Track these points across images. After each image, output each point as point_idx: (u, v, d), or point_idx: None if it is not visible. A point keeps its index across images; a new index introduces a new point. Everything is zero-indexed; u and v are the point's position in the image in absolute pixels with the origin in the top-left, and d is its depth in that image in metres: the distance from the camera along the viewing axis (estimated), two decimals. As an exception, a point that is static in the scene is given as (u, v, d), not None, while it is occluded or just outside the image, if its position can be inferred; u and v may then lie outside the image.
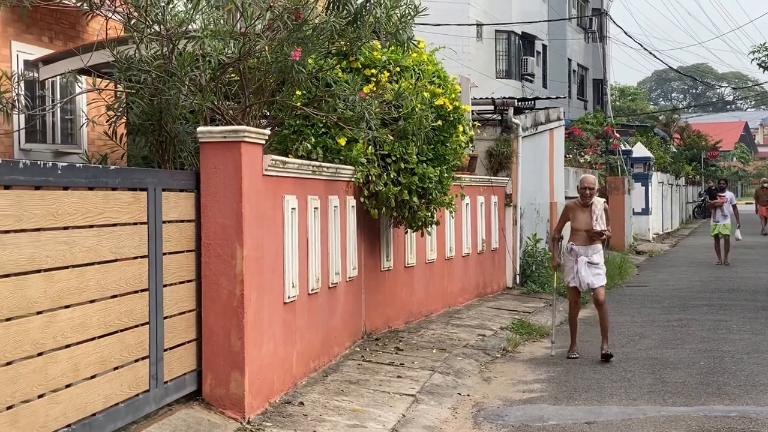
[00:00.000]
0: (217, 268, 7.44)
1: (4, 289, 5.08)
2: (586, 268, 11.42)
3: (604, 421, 8.45)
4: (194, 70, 8.72)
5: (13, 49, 13.20)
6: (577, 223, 11.51)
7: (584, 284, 11.50)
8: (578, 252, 11.50)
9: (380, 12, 9.10)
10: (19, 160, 5.25)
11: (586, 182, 11.59)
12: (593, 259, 11.50)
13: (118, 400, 6.28)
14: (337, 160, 10.46)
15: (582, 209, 11.49)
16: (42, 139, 13.86)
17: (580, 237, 11.49)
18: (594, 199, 11.46)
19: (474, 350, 11.77)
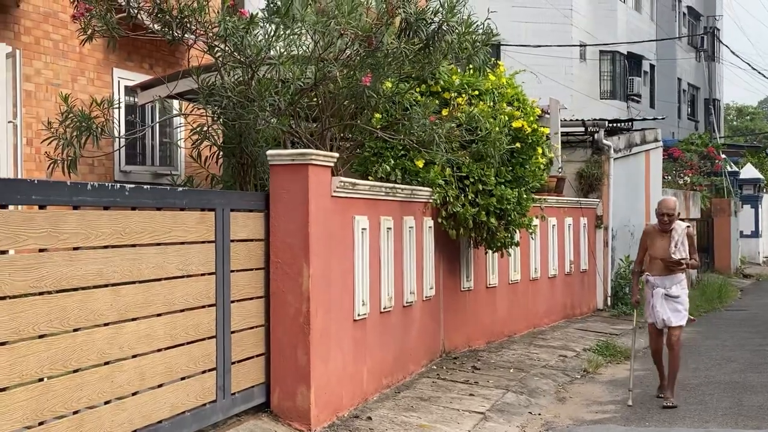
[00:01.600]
0: (285, 286, 7.79)
1: (72, 301, 5.48)
2: (662, 302, 10.17)
3: (669, 442, 8.52)
4: (273, 95, 9.14)
5: (115, 76, 13.86)
6: (654, 250, 10.31)
7: (659, 320, 10.27)
8: (654, 283, 10.28)
9: (452, 38, 9.32)
10: (87, 183, 5.66)
11: (664, 207, 10.30)
12: (672, 292, 10.19)
13: (185, 409, 6.64)
14: (415, 181, 10.76)
15: (660, 235, 10.29)
16: (142, 161, 14.48)
17: (656, 266, 10.29)
18: (675, 224, 10.22)
19: (553, 371, 11.88)
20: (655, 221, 10.60)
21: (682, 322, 10.26)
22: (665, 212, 10.22)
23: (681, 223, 10.34)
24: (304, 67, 9.35)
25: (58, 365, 5.36)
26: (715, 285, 21.46)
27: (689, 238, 10.26)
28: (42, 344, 5.23)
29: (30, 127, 12.01)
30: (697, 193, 25.16)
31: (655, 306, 10.23)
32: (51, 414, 5.31)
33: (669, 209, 10.24)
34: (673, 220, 10.19)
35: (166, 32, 8.77)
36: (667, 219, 10.17)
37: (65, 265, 5.41)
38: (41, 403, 5.23)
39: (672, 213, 10.20)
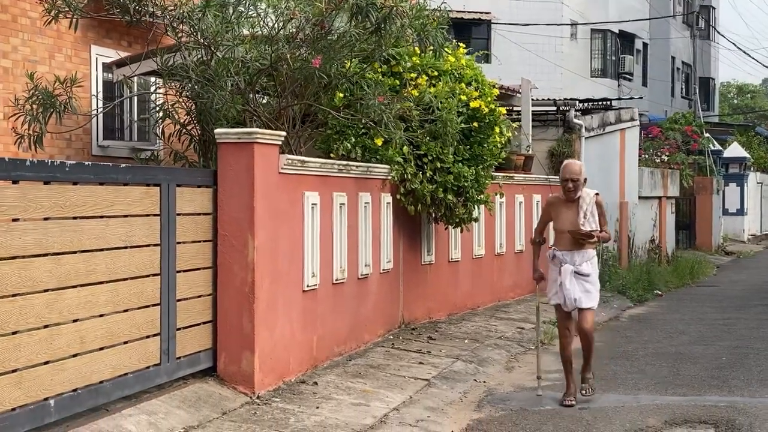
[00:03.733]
0: (231, 257, 8.24)
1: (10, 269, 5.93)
2: (571, 280, 8.99)
3: (597, 407, 8.97)
4: (233, 75, 9.57)
5: (93, 53, 14.27)
6: (561, 222, 9.16)
7: (569, 301, 9.07)
8: (562, 259, 9.09)
9: (402, 22, 9.71)
10: (26, 159, 6.10)
11: (567, 171, 9.06)
12: (582, 269, 9.04)
13: (127, 371, 7.11)
14: (374, 159, 11.18)
15: (566, 205, 9.09)
16: (120, 136, 14.91)
17: (563, 240, 9.12)
18: (582, 192, 9.03)
19: (508, 342, 12.35)
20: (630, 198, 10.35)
21: (593, 304, 9.16)
22: (569, 177, 8.99)
23: (588, 191, 9.16)
24: (262, 49, 9.78)
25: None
26: (689, 261, 21.89)
27: (599, 208, 9.11)
28: (-20, 308, 5.69)
29: (7, 103, 12.43)
30: (675, 172, 25.57)
31: (564, 284, 9.01)
32: (-11, 372, 5.77)
33: (573, 174, 9.00)
34: (578, 187, 8.99)
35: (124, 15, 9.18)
36: (572, 185, 8.96)
37: (2, 235, 5.85)
38: (-21, 361, 5.69)
39: (577, 178, 8.97)
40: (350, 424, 7.98)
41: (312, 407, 8.25)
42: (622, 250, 20.55)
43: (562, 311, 9.26)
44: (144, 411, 7.17)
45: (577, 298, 9.06)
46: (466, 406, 9.19)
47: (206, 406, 7.73)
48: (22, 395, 6.05)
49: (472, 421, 8.62)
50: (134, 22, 9.42)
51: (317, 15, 9.38)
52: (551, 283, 9.28)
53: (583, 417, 8.63)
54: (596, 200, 9.10)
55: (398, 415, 8.47)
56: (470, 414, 8.90)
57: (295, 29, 9.40)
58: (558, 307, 9.31)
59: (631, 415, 8.64)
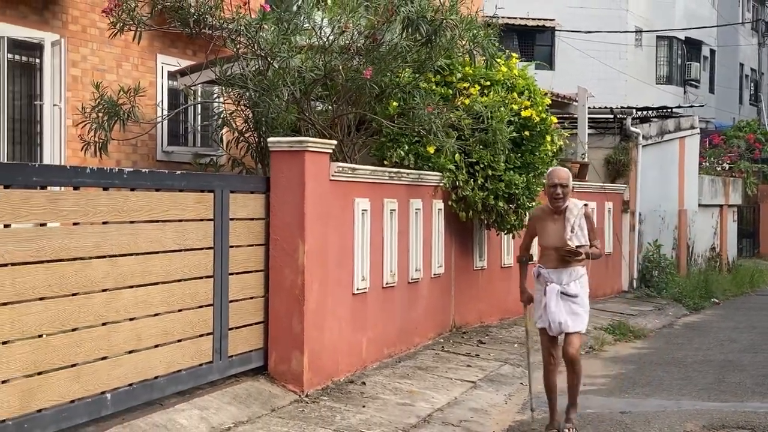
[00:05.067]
0: (282, 261, 8.59)
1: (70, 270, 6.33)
2: (557, 302, 8.06)
3: (638, 412, 9.16)
4: (289, 85, 9.95)
5: (159, 62, 14.77)
6: (546, 237, 8.21)
7: (554, 324, 8.10)
8: (547, 278, 8.15)
9: (452, 34, 9.99)
10: (86, 166, 6.50)
11: (555, 176, 8.11)
12: (569, 289, 8.09)
13: (180, 368, 7.48)
14: (426, 166, 11.49)
15: (552, 218, 8.15)
16: (184, 142, 15.40)
17: (549, 257, 8.18)
18: (569, 203, 8.11)
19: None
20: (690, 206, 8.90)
21: (581, 328, 8.19)
22: (557, 182, 8.03)
23: (576, 201, 8.23)
24: (317, 59, 10.15)
25: (57, 324, 6.21)
26: (749, 270, 21.83)
27: (588, 221, 8.15)
28: (41, 305, 6.08)
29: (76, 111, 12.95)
30: (738, 180, 25.46)
31: (548, 306, 8.06)
32: (49, 366, 6.17)
33: (561, 179, 8.07)
34: (566, 195, 8.06)
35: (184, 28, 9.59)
36: (560, 192, 8.00)
37: (64, 237, 6.26)
38: (40, 355, 6.08)
39: (565, 184, 8.05)
40: (394, 422, 8.28)
41: (358, 406, 8.56)
42: (680, 258, 20.59)
43: (548, 335, 8.25)
44: (196, 406, 7.55)
45: (562, 321, 8.08)
46: (510, 408, 9.44)
47: (256, 403, 8.09)
48: (81, 389, 6.44)
49: (514, 422, 8.87)
50: (194, 34, 9.83)
51: (369, 27, 9.70)
52: (537, 304, 8.32)
53: (623, 420, 8.83)
54: (585, 212, 8.16)
55: (442, 415, 8.75)
56: (513, 416, 9.15)
57: (348, 41, 9.73)
58: (543, 331, 8.28)
59: (670, 419, 8.82)
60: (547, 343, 8.32)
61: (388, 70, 10.14)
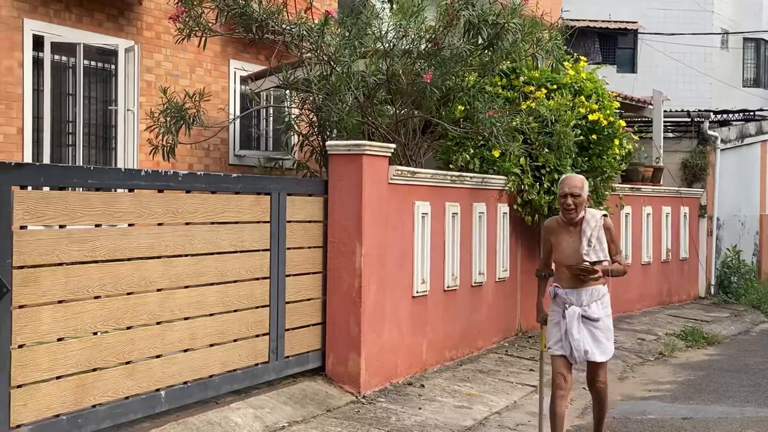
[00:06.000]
0: (340, 263, 8.69)
1: (125, 269, 6.50)
2: (579, 327, 7.18)
3: (700, 418, 9.05)
4: (353, 89, 10.06)
5: (231, 67, 15.02)
6: (560, 252, 7.30)
7: (579, 353, 7.24)
8: (565, 299, 7.25)
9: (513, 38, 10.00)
10: (141, 169, 6.68)
11: (567, 184, 7.22)
12: (591, 312, 7.21)
13: (236, 367, 7.62)
14: (491, 170, 11.50)
15: (567, 231, 7.28)
16: (256, 146, 15.63)
17: (565, 276, 7.26)
18: (586, 214, 7.23)
19: (626, 352, 12.43)
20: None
21: (607, 356, 7.39)
22: (568, 191, 7.15)
23: (594, 211, 7.37)
24: (380, 64, 10.24)
25: (111, 322, 6.39)
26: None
27: (608, 233, 7.26)
28: (96, 304, 6.27)
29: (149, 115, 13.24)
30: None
31: (571, 332, 7.19)
32: (104, 362, 6.35)
33: (573, 187, 7.17)
34: (580, 206, 7.17)
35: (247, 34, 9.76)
36: (572, 202, 7.13)
37: (118, 238, 6.44)
38: (94, 352, 6.27)
39: (578, 193, 7.15)
40: (449, 424, 8.31)
41: (414, 408, 8.62)
42: (761, 264, 20.21)
43: (563, 363, 7.36)
44: (251, 405, 7.68)
45: (588, 349, 7.23)
46: (570, 413, 9.36)
47: (312, 404, 8.19)
48: (135, 385, 6.61)
49: (572, 426, 8.83)
50: (257, 40, 10.00)
51: (430, 32, 9.76)
52: (552, 327, 7.41)
53: (683, 426, 8.74)
54: (605, 223, 7.25)
55: (498, 419, 8.75)
56: (571, 420, 9.10)
57: (409, 45, 9.80)
58: (559, 359, 7.36)
59: (731, 426, 8.70)
60: (562, 368, 7.34)
61: (450, 74, 10.18)
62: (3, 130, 11.76)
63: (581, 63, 12.65)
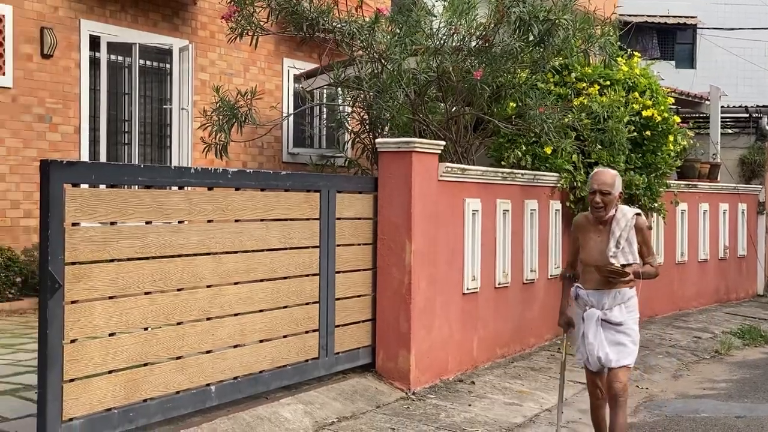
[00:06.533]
0: (389, 260, 8.72)
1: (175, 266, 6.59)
2: (597, 331, 6.79)
3: (754, 416, 8.96)
4: (404, 86, 10.09)
5: (285, 65, 15.15)
6: (587, 251, 6.86)
7: (593, 359, 6.86)
8: (586, 301, 6.87)
9: (565, 34, 9.96)
10: (190, 167, 6.77)
11: (596, 180, 6.77)
12: (612, 316, 6.79)
13: (285, 363, 7.69)
14: (543, 167, 11.47)
15: (596, 229, 6.83)
16: (310, 144, 15.74)
17: (590, 276, 6.82)
18: (617, 212, 6.77)
19: (680, 350, 12.32)
20: None
21: (628, 361, 6.88)
22: (597, 188, 6.71)
23: (627, 209, 6.87)
24: (430, 61, 10.26)
25: (161, 318, 6.48)
26: None
27: (639, 233, 6.78)
28: (146, 300, 6.36)
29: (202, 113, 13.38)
30: None
31: (586, 335, 6.83)
32: (155, 357, 6.44)
33: (603, 184, 6.71)
34: (610, 204, 6.71)
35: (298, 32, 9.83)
36: (600, 200, 6.68)
37: (169, 235, 6.52)
38: (146, 347, 6.36)
39: (608, 191, 6.68)
40: (498, 421, 8.31)
41: (464, 404, 8.63)
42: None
43: (589, 371, 7.07)
44: (301, 401, 7.74)
45: (602, 355, 6.80)
46: (620, 412, 9.33)
47: (362, 399, 8.24)
48: (186, 380, 6.70)
49: (623, 424, 8.78)
50: (308, 39, 10.07)
51: (480, 29, 9.76)
52: (577, 331, 7.05)
53: (735, 425, 8.65)
54: (636, 223, 6.76)
55: (549, 416, 8.73)
56: (623, 418, 9.06)
57: (459, 43, 9.81)
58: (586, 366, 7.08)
59: (785, 425, 8.62)
60: (592, 376, 7.04)
61: (501, 71, 10.16)
62: (61, 129, 11.98)
63: (635, 59, 12.56)
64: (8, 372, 7.84)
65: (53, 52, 11.75)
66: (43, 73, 11.73)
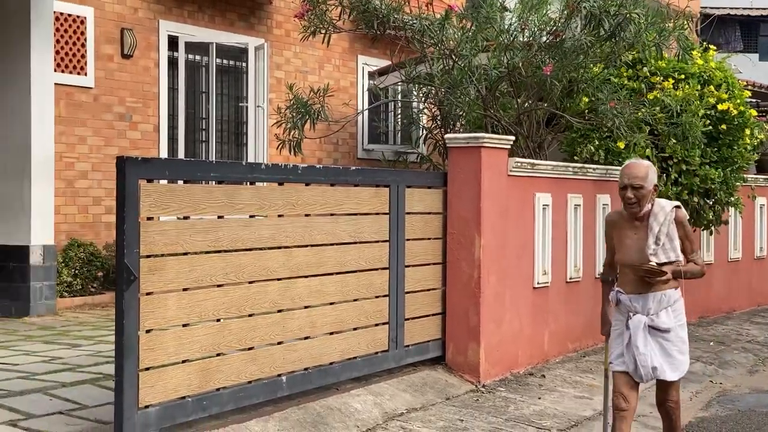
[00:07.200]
0: (459, 254, 8.82)
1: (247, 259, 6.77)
2: (646, 339, 6.21)
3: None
4: (475, 82, 10.19)
5: (359, 62, 15.32)
6: (623, 251, 6.30)
7: (645, 370, 6.25)
8: (629, 306, 6.28)
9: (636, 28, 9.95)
10: (261, 162, 6.94)
11: (626, 174, 6.23)
12: (659, 322, 6.19)
13: (355, 355, 7.84)
14: (616, 161, 11.44)
15: (632, 225, 6.27)
16: (384, 140, 15.90)
17: (628, 278, 6.27)
18: (653, 207, 6.19)
19: (757, 346, 12.21)
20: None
21: (679, 372, 6.37)
22: (628, 182, 6.18)
23: (665, 202, 6.28)
24: (501, 57, 10.33)
25: (233, 310, 6.67)
26: None
27: (681, 227, 6.20)
28: (219, 292, 6.55)
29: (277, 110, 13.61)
30: None
31: (636, 345, 6.22)
32: (227, 348, 6.63)
33: (635, 178, 6.15)
34: (643, 198, 6.14)
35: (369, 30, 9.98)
36: (632, 195, 6.14)
37: (240, 229, 6.70)
38: (218, 338, 6.55)
39: (641, 185, 6.13)
40: (567, 414, 8.36)
41: (534, 397, 8.69)
42: None
43: (626, 381, 6.36)
44: (371, 392, 7.88)
45: (657, 365, 6.23)
46: (694, 405, 9.31)
47: (431, 392, 8.35)
48: (257, 370, 6.88)
49: (694, 418, 8.76)
50: (378, 36, 10.21)
51: (550, 24, 9.80)
52: (614, 339, 6.49)
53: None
54: (676, 216, 6.19)
55: (619, 410, 8.74)
56: (695, 412, 9.03)
57: (529, 38, 9.86)
58: (621, 376, 6.39)
59: None
60: (623, 386, 6.34)
61: (571, 66, 10.19)
62: (141, 128, 12.30)
63: (710, 52, 12.45)
64: (89, 362, 8.13)
65: (133, 53, 12.06)
66: (123, 73, 12.05)
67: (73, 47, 11.49)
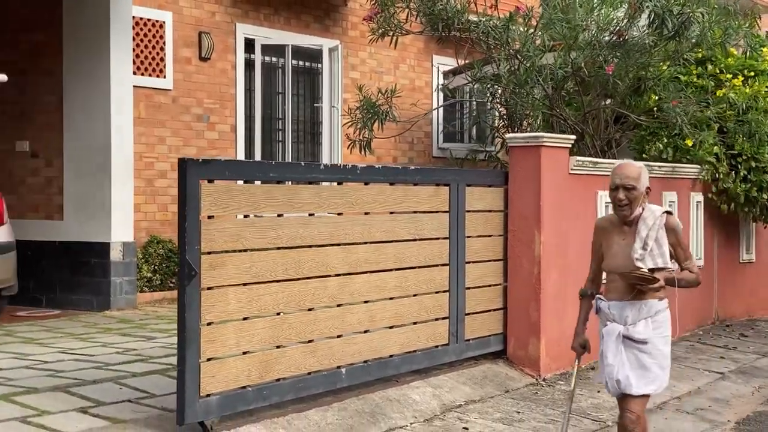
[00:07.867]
0: (519, 251, 9.02)
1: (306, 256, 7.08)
2: (618, 350, 5.83)
3: None
4: (541, 82, 10.37)
5: (434, 62, 15.56)
6: (611, 256, 5.94)
7: (611, 381, 5.86)
8: (606, 313, 5.96)
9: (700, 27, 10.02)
10: (320, 163, 7.24)
11: (618, 174, 5.80)
12: (635, 332, 5.78)
13: (415, 348, 8.10)
14: (685, 159, 11.52)
15: (620, 231, 5.91)
16: (460, 139, 16.11)
17: (614, 285, 5.89)
18: (644, 211, 5.79)
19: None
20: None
21: (649, 389, 5.82)
22: (619, 183, 5.77)
23: (655, 207, 5.88)
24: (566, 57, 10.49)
25: (293, 304, 6.97)
26: None
27: (671, 234, 5.81)
28: (278, 287, 6.85)
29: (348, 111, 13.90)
30: None
31: (605, 355, 5.89)
32: (286, 341, 6.93)
33: (627, 178, 5.75)
34: (635, 201, 5.75)
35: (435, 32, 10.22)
36: (624, 196, 5.74)
37: (299, 227, 7.01)
38: (277, 331, 6.85)
39: (633, 185, 5.74)
40: (624, 409, 8.49)
41: (593, 391, 8.84)
42: None
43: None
44: (430, 384, 8.13)
45: (622, 378, 5.79)
46: (755, 400, 9.36)
47: (491, 385, 8.58)
48: (316, 362, 7.17)
49: (753, 413, 8.82)
50: (444, 38, 10.45)
51: (613, 24, 9.93)
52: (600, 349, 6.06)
53: None
54: (667, 222, 5.81)
55: (678, 403, 8.86)
56: (755, 406, 9.09)
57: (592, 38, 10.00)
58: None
59: None
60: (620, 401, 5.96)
61: (634, 65, 10.30)
62: (218, 128, 12.72)
63: (777, 49, 12.41)
64: (161, 354, 8.52)
65: (210, 55, 12.48)
66: (201, 75, 12.48)
67: (152, 51, 11.94)
